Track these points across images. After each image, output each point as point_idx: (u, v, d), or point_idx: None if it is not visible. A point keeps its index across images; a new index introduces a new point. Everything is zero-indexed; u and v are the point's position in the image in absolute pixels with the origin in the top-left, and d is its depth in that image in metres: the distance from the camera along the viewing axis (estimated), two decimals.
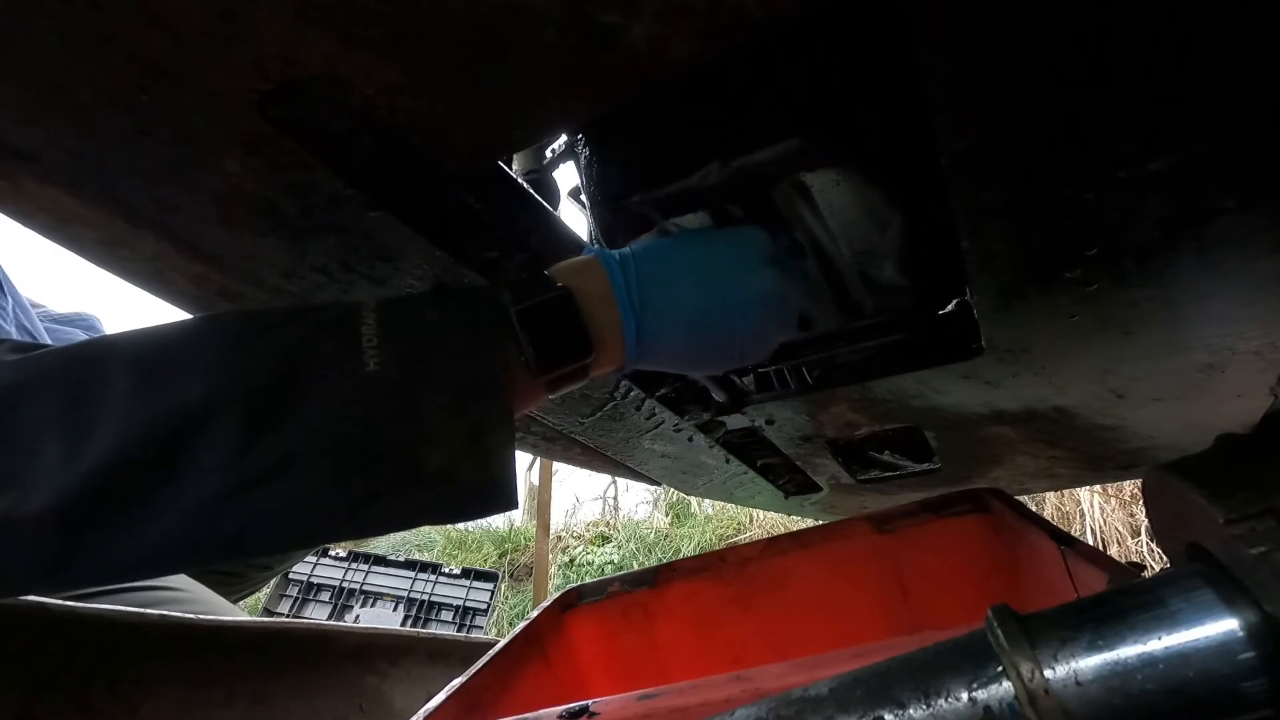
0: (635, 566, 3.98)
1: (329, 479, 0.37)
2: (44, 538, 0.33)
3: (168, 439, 0.35)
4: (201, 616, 0.66)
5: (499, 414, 0.41)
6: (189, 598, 0.79)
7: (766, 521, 4.87)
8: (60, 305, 1.05)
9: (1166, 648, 0.22)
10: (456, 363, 0.41)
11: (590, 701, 0.40)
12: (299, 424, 0.36)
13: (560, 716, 0.39)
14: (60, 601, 0.57)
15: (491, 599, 3.64)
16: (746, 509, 4.85)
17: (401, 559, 3.80)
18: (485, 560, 5.12)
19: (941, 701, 0.24)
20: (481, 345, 0.42)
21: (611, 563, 4.96)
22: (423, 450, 0.39)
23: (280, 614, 3.45)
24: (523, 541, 5.37)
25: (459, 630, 3.51)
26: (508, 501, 0.42)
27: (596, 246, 0.51)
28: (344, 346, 0.39)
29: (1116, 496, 3.40)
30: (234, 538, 0.36)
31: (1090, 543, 0.76)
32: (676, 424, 0.84)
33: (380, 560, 3.72)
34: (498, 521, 5.80)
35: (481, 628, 3.55)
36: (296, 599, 3.53)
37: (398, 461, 0.38)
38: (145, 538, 0.34)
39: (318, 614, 3.48)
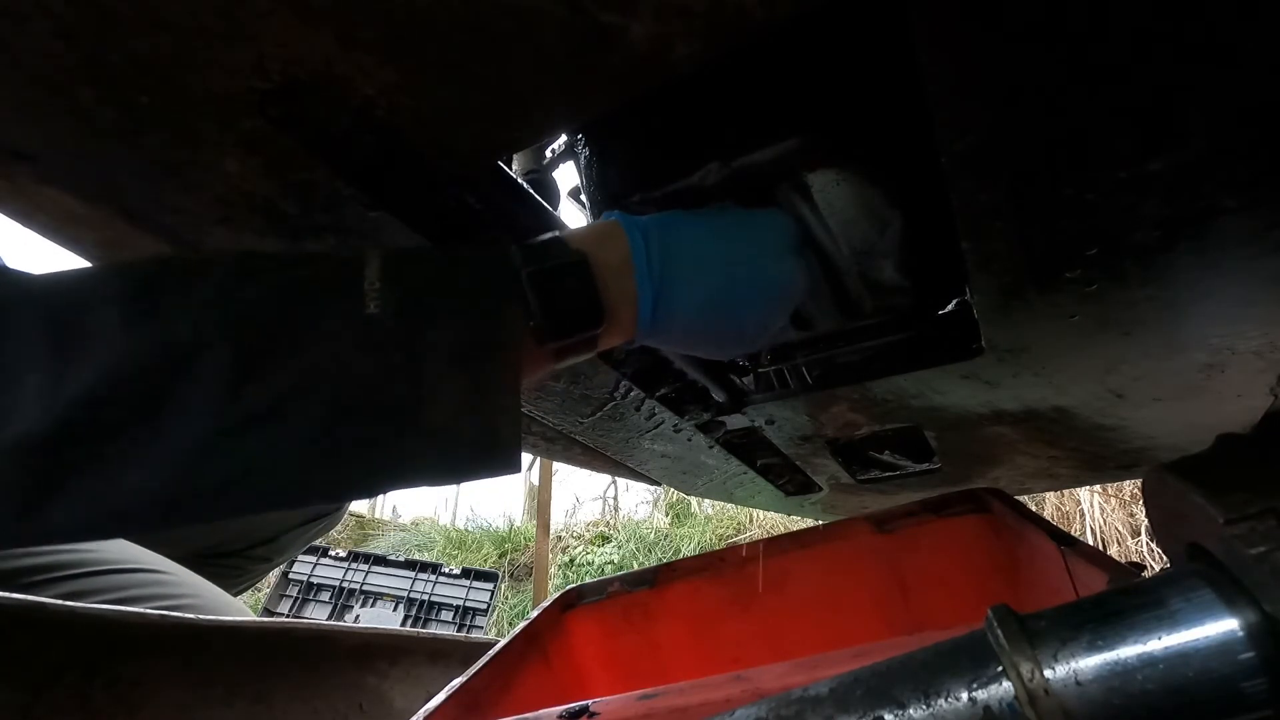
0: (635, 566, 3.98)
1: (322, 426, 0.35)
2: (19, 473, 0.31)
3: (155, 375, 0.33)
4: (202, 617, 0.66)
5: (506, 370, 0.39)
6: (190, 592, 0.78)
7: (766, 521, 4.87)
8: None
9: (1166, 648, 0.22)
10: (462, 314, 0.38)
11: (590, 701, 0.40)
12: (292, 365, 0.34)
13: (560, 716, 0.39)
14: (60, 602, 0.57)
15: (491, 599, 3.64)
16: (746, 509, 4.85)
17: (401, 559, 3.80)
18: (485, 560, 5.11)
19: (941, 701, 0.24)
20: (489, 300, 0.40)
21: (611, 563, 4.96)
22: (422, 401, 0.36)
23: (280, 614, 3.45)
24: (523, 541, 5.37)
25: (459, 630, 3.51)
26: (509, 463, 0.39)
27: (617, 212, 0.48)
28: (343, 289, 0.36)
29: (1116, 496, 3.40)
30: (219, 488, 0.34)
31: (1090, 543, 0.76)
32: (676, 424, 0.84)
33: (380, 560, 3.72)
34: (498, 521, 5.81)
35: (481, 628, 3.55)
36: (296, 599, 3.53)
37: (395, 412, 0.36)
38: (127, 482, 0.32)
39: (318, 614, 3.48)
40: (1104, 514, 3.39)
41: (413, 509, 6.91)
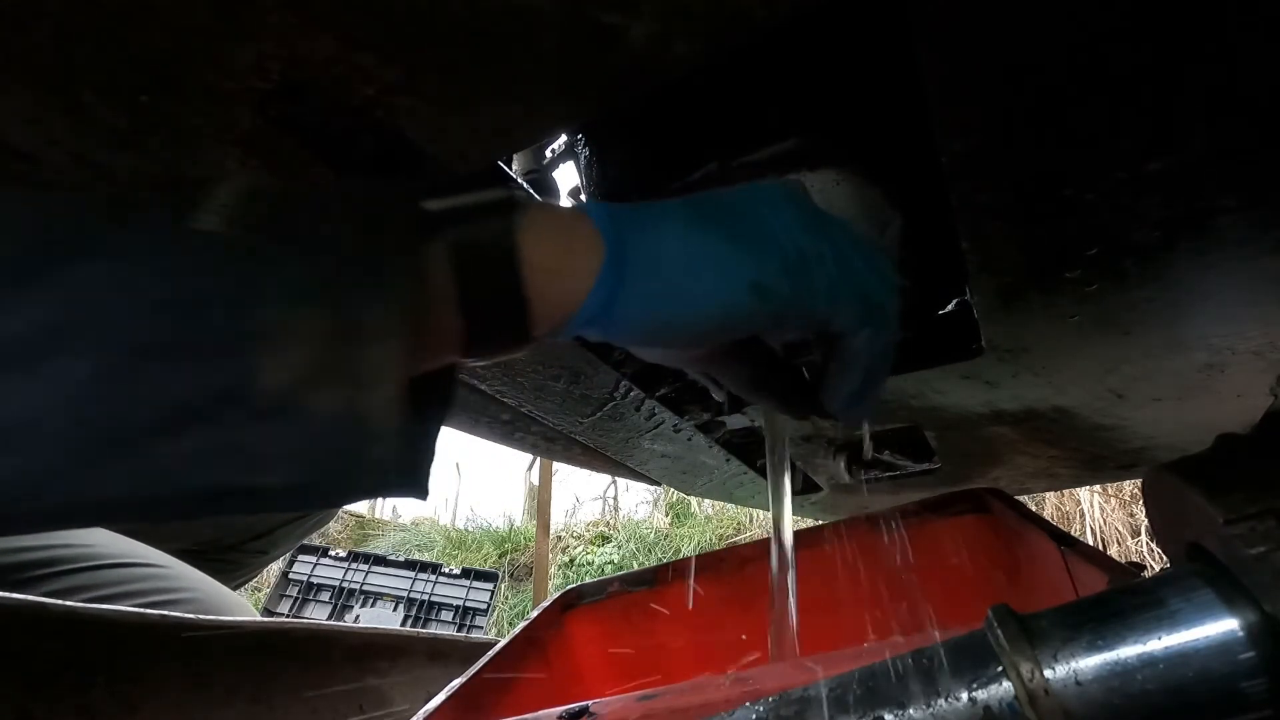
0: (635, 566, 3.98)
1: (112, 369, 0.22)
2: None
3: None
4: (201, 617, 0.66)
5: (394, 314, 0.25)
6: (188, 586, 0.78)
7: (766, 521, 4.87)
8: None
9: (1166, 648, 0.22)
10: (335, 230, 0.26)
11: (590, 702, 0.40)
12: (69, 282, 0.22)
13: (560, 717, 0.39)
14: (60, 602, 0.57)
15: (491, 599, 3.64)
16: (746, 509, 4.85)
17: (401, 559, 3.80)
18: (485, 560, 5.12)
19: (941, 701, 0.24)
20: (386, 238, 0.27)
21: (611, 563, 4.96)
22: (257, 349, 0.23)
23: (280, 614, 3.44)
24: (523, 541, 5.37)
25: (459, 630, 3.51)
26: (410, 474, 0.26)
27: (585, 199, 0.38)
28: (168, 202, 0.26)
29: (1116, 496, 3.40)
30: None
31: (1090, 543, 0.76)
32: (676, 424, 0.84)
33: (380, 560, 3.73)
34: (498, 521, 5.81)
35: (481, 628, 3.55)
36: (296, 599, 3.53)
37: (219, 364, 0.23)
38: None
39: (318, 614, 3.48)
40: (1104, 514, 3.40)
41: (413, 509, 6.92)
